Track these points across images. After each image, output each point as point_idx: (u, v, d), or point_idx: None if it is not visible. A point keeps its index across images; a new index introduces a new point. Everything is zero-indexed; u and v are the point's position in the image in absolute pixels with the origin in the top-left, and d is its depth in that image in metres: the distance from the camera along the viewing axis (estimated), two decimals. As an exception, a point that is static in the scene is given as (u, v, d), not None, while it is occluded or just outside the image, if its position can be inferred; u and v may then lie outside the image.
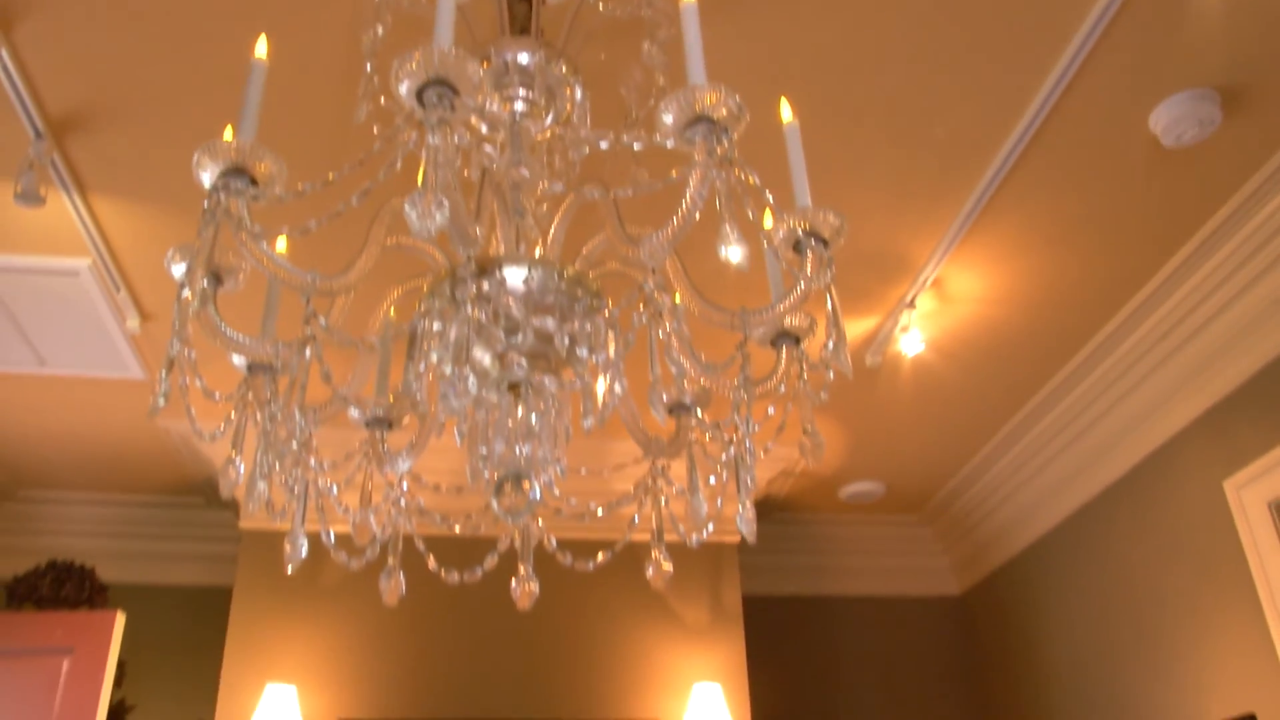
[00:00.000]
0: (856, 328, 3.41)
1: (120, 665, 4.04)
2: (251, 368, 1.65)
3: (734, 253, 1.28)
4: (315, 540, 3.97)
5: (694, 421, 1.90)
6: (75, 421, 3.94)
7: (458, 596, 3.92)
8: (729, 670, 3.91)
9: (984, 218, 2.95)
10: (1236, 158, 2.79)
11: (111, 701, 4.00)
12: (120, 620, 3.72)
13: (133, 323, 3.29)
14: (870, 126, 2.62)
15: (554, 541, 1.86)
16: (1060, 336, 3.53)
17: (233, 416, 1.67)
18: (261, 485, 1.47)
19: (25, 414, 3.89)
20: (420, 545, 1.87)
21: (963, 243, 3.04)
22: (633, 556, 4.04)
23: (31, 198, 2.58)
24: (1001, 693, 4.65)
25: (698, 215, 1.33)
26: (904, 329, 3.31)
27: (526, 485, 1.47)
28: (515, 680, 3.84)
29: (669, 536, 4.01)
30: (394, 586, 1.75)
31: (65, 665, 3.68)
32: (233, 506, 4.20)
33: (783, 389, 1.81)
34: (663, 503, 1.82)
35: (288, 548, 1.57)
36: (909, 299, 3.24)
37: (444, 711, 3.74)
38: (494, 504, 1.47)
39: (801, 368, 1.79)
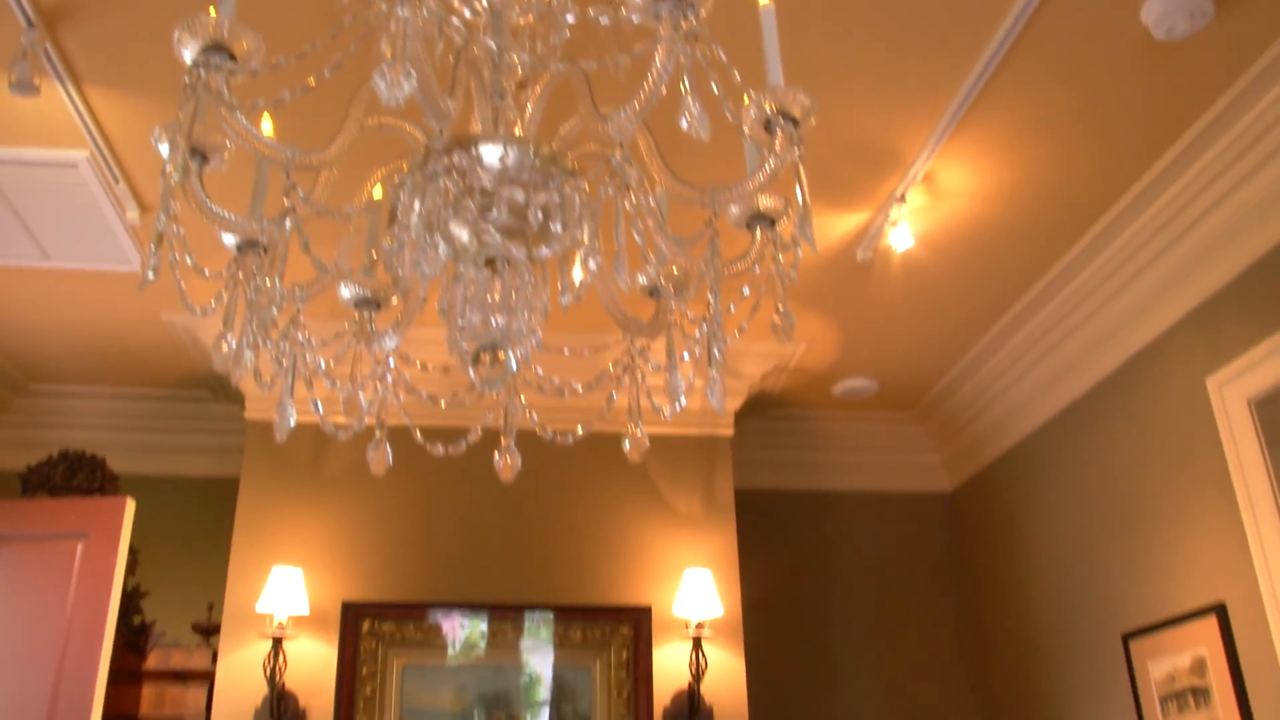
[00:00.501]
0: (847, 222, 3.44)
1: (133, 553, 4.18)
2: (241, 248, 1.70)
3: (699, 124, 1.32)
4: (317, 431, 4.07)
5: (672, 304, 1.93)
6: (81, 315, 4.01)
7: (458, 486, 4.05)
8: (720, 558, 4.03)
9: (974, 112, 2.96)
10: (1228, 52, 2.78)
11: (126, 587, 4.16)
12: (130, 506, 3.84)
13: (132, 215, 3.33)
14: (860, 19, 2.62)
15: (535, 416, 1.92)
16: (1050, 234, 3.55)
17: (224, 295, 1.72)
18: (249, 355, 1.53)
19: (32, 308, 3.96)
20: (407, 419, 1.93)
21: (953, 137, 3.05)
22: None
23: (26, 87, 2.61)
24: (987, 586, 4.78)
25: (664, 90, 1.37)
26: (894, 224, 3.34)
27: (502, 356, 1.52)
28: (514, 566, 3.97)
29: (664, 429, 4.14)
30: (380, 457, 1.82)
31: (79, 549, 3.81)
32: (239, 400, 4.29)
33: (757, 270, 1.85)
34: (640, 379, 1.86)
35: (276, 418, 1.63)
36: (899, 193, 3.27)
37: (444, 595, 3.88)
38: (471, 374, 1.53)
39: (775, 249, 1.82)
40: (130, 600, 4.15)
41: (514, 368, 1.54)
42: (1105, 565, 3.90)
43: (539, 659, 3.84)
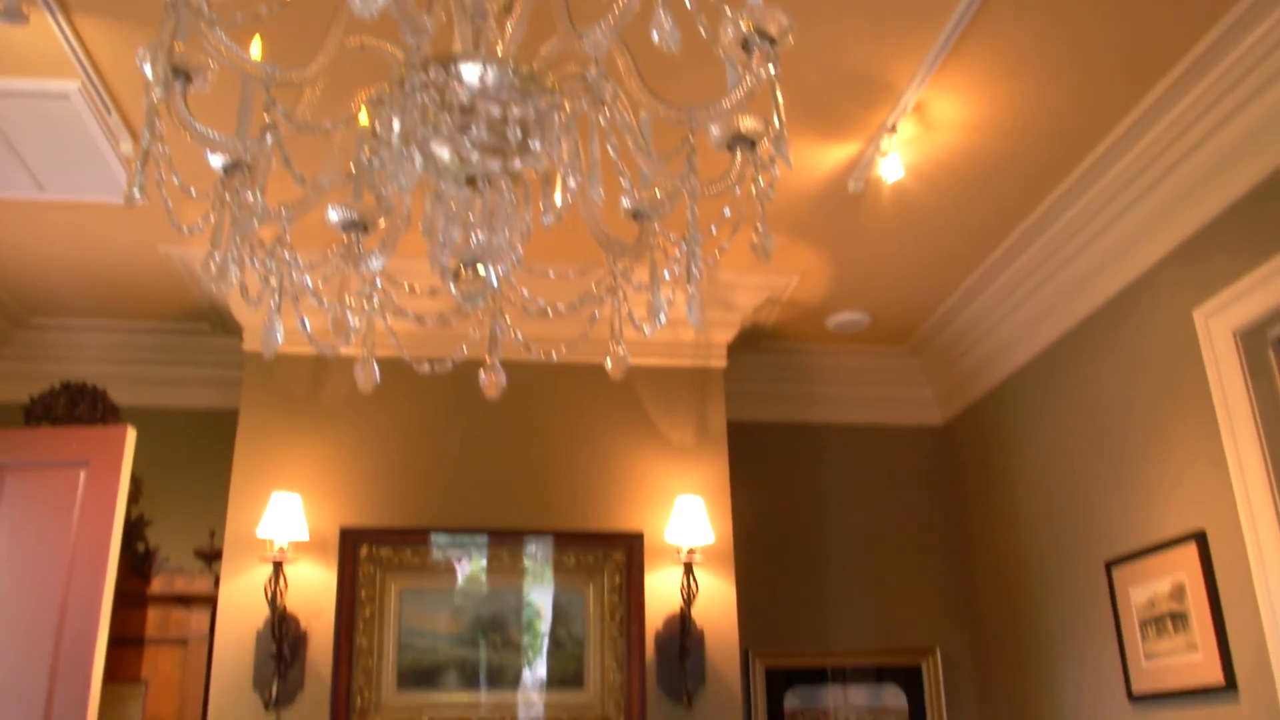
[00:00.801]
0: (838, 153, 3.45)
1: (136, 483, 4.25)
2: (227, 169, 1.73)
3: (669, 38, 1.34)
4: (314, 362, 4.14)
5: (655, 227, 1.96)
6: (78, 248, 4.04)
7: (454, 416, 4.11)
8: (712, 486, 4.09)
9: (964, 41, 2.95)
10: (1218, -16, 2.78)
11: (130, 516, 4.24)
12: (131, 434, 3.91)
13: (126, 146, 3.35)
14: (848, -58, 2.62)
15: (519, 335, 1.96)
16: (1041, 166, 3.56)
17: (211, 215, 1.75)
18: (234, 270, 1.57)
19: (30, 240, 3.99)
20: (393, 338, 1.98)
21: (943, 67, 3.05)
22: (623, 381, 4.19)
23: (14, 15, 2.62)
24: (976, 517, 4.85)
25: (638, 4, 1.39)
26: (884, 154, 3.35)
27: (483, 270, 1.56)
28: (509, 493, 4.04)
29: (657, 361, 4.18)
30: (367, 375, 1.86)
31: (82, 477, 3.88)
32: (237, 332, 4.33)
33: (738, 191, 1.87)
34: (622, 298, 1.89)
35: (263, 335, 1.67)
36: (890, 124, 3.27)
37: (440, 521, 3.96)
38: (452, 289, 1.57)
39: (755, 170, 1.84)
40: (134, 528, 4.23)
41: (494, 283, 1.58)
42: (1090, 495, 3.96)
43: (534, 583, 3.92)
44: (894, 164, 3.37)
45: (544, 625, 3.89)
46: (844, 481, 5.02)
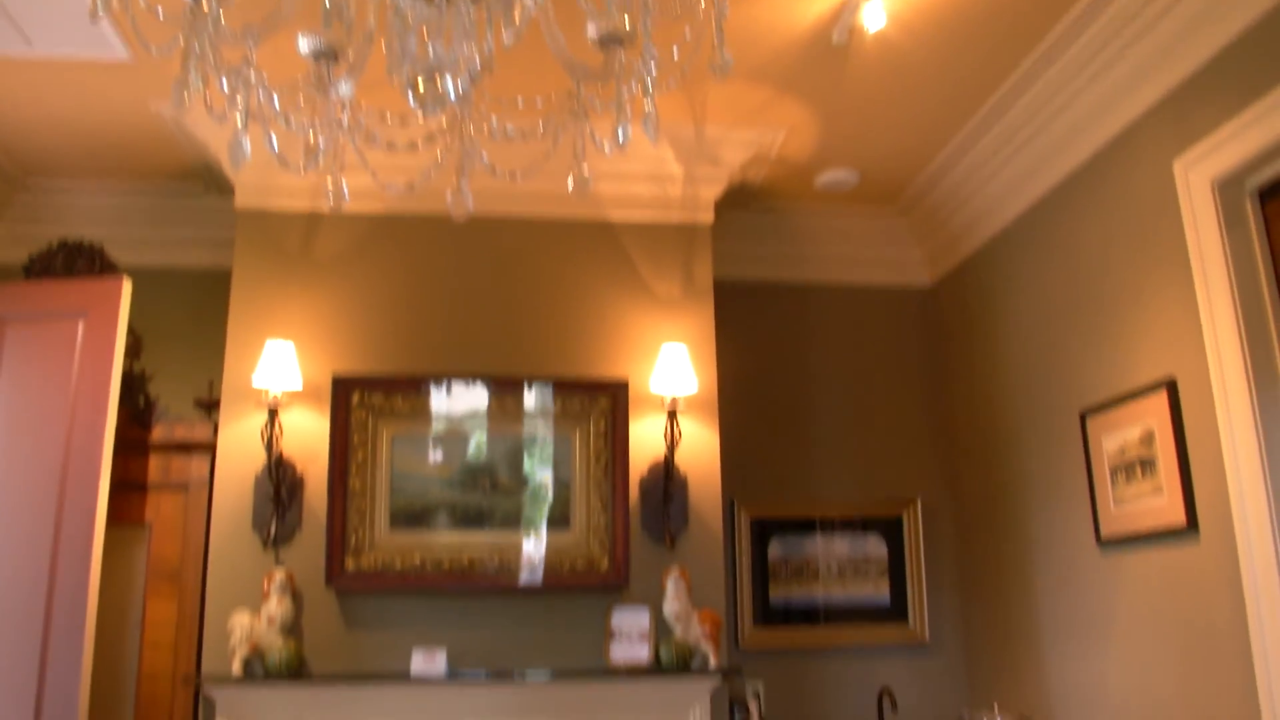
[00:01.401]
0: (820, 3, 3.42)
1: (137, 340, 4.35)
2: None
3: None
4: (310, 219, 4.17)
5: (621, 55, 1.98)
6: (72, 107, 4.05)
7: (444, 268, 4.18)
8: (697, 337, 4.17)
9: (949, -122, 2.91)
10: None
11: (132, 371, 4.35)
12: (127, 285, 3.98)
13: (112, -5, 3.33)
14: None
15: (485, 156, 2.00)
16: (1027, 15, 3.52)
17: (180, 38, 1.78)
18: (195, 80, 1.61)
19: (22, 100, 3.99)
20: (361, 159, 2.02)
21: (928, -94, 3.02)
22: (609, 235, 4.25)
23: None
24: (960, 374, 4.94)
25: None
26: (866, 0, 3.33)
27: (442, 82, 1.60)
28: (498, 342, 4.13)
29: (645, 216, 4.22)
30: (337, 192, 1.91)
31: (81, 328, 3.97)
32: (230, 191, 4.37)
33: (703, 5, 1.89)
34: (585, 121, 1.93)
35: (229, 147, 1.71)
36: (873, -32, 3.25)
37: (429, 369, 4.05)
38: (410, 99, 1.61)
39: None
40: (135, 382, 4.35)
41: (452, 93, 1.62)
42: (1068, 348, 4.03)
43: (521, 429, 4.04)
44: (876, 11, 3.35)
45: (531, 469, 4.02)
46: (831, 340, 5.10)
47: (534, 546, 3.95)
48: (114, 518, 4.08)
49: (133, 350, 4.40)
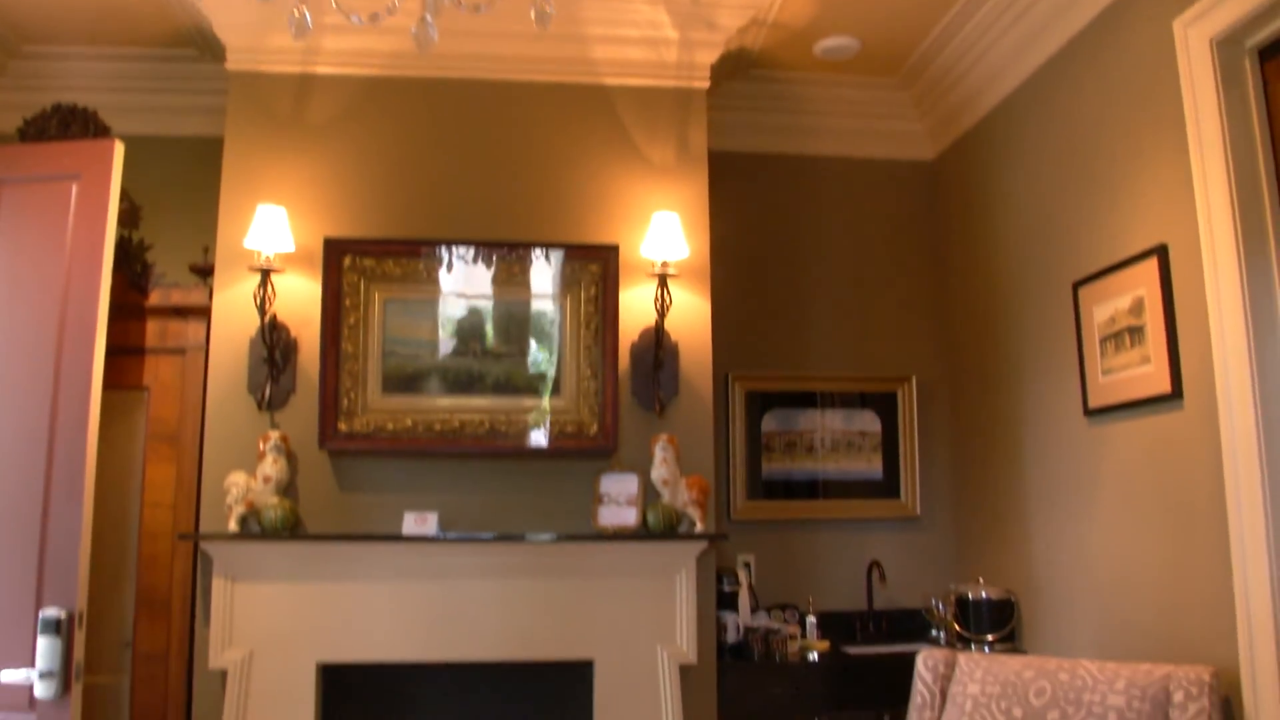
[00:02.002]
0: None
1: (135, 208, 4.36)
2: None
3: None
4: (302, 82, 4.13)
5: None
6: (62, -36, 3.99)
7: (437, 132, 4.15)
8: (690, 205, 4.14)
9: None
10: None
11: (130, 240, 4.36)
12: (119, 147, 3.95)
13: None
14: None
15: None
16: None
17: None
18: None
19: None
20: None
21: None
22: (603, 100, 4.20)
23: None
24: (959, 250, 4.91)
25: None
26: None
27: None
28: (489, 207, 4.11)
29: (640, 80, 4.17)
30: (301, 23, 1.88)
31: (74, 190, 3.97)
32: (224, 57, 4.31)
33: None
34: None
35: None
36: None
37: (421, 233, 4.05)
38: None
39: None
40: (133, 249, 4.37)
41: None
42: (1062, 218, 3.99)
43: (511, 293, 4.04)
44: None
45: (521, 334, 4.04)
46: (830, 214, 5.06)
47: (524, 412, 3.99)
48: (113, 382, 4.13)
49: (131, 218, 4.41)
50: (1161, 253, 3.38)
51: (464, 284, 4.03)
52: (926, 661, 3.54)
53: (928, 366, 5.01)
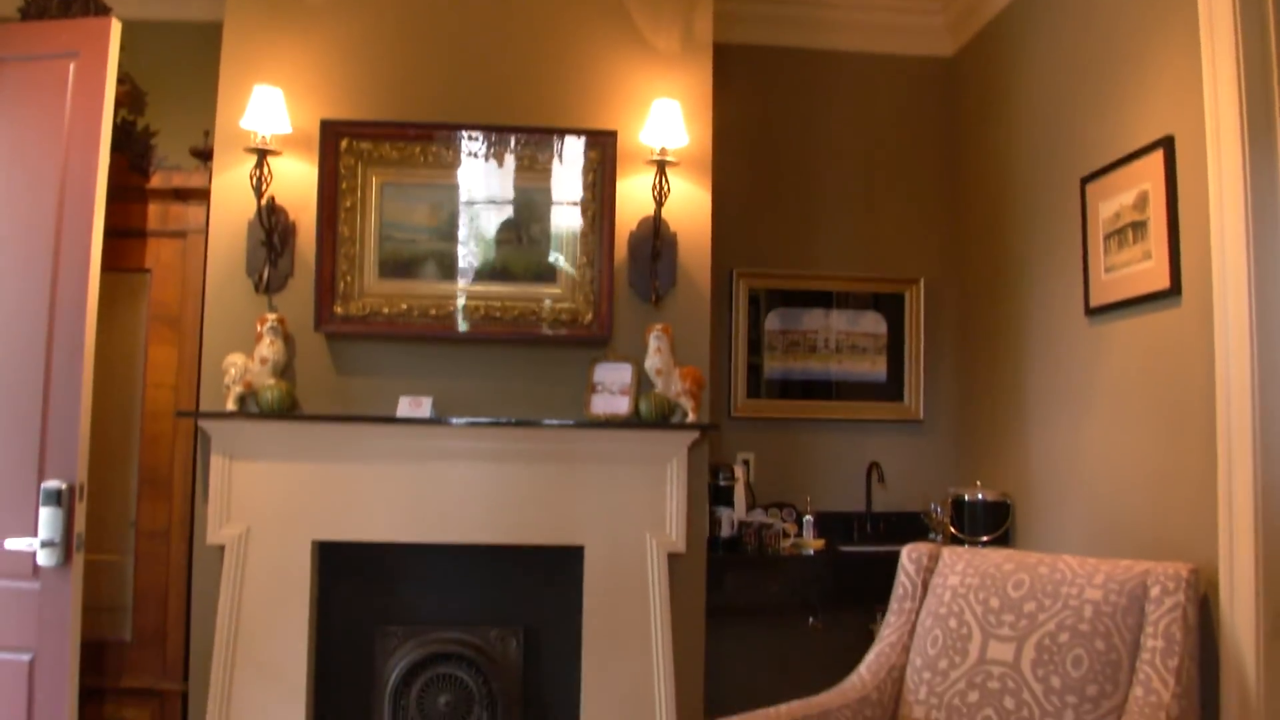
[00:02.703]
0: None
1: (139, 91, 4.34)
2: None
3: None
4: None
5: None
6: None
7: (437, 14, 4.08)
8: (692, 93, 4.06)
9: None
10: None
11: (135, 125, 4.36)
12: (116, 25, 3.92)
13: None
14: None
15: None
16: None
17: None
18: None
19: None
20: None
21: None
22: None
23: None
24: (972, 148, 4.81)
25: None
26: None
27: None
28: (488, 91, 4.06)
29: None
30: None
31: (71, 69, 3.95)
32: (226, -67, 4.25)
33: None
34: None
35: None
36: None
37: (418, 116, 4.00)
38: None
39: None
40: (142, 137, 4.36)
41: None
42: (1074, 113, 3.89)
43: (508, 179, 4.01)
44: None
45: (517, 221, 4.01)
46: (843, 111, 4.96)
47: (518, 299, 3.98)
48: (116, 264, 4.16)
49: (136, 102, 4.40)
50: (1168, 145, 3.29)
51: (462, 169, 3.99)
52: (910, 554, 3.55)
53: (937, 269, 4.94)
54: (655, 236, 3.97)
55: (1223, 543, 2.99)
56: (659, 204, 3.91)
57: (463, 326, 3.94)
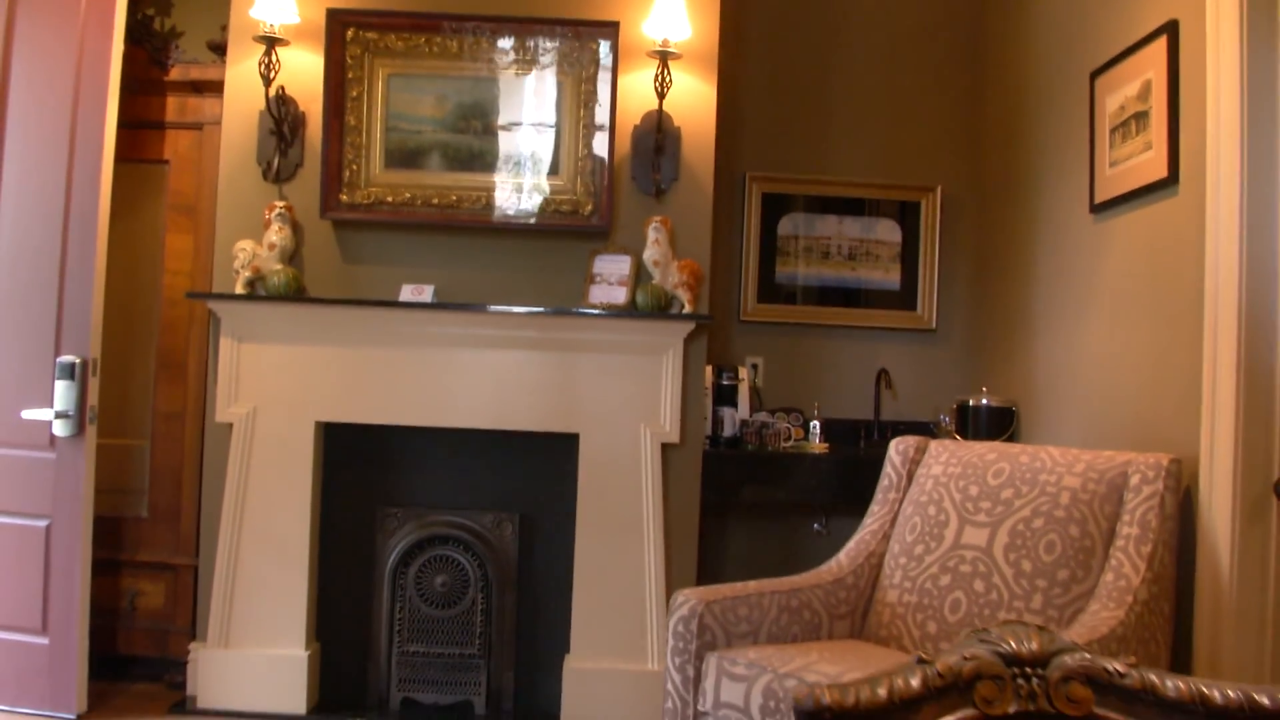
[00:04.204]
0: None
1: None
2: None
3: None
4: None
5: None
6: None
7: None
8: (702, -17, 4.04)
9: None
10: None
11: (153, 19, 4.46)
12: (131, -85, 4.00)
13: None
14: None
15: None
16: None
17: None
18: None
19: None
20: None
21: None
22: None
23: None
24: (994, 58, 4.71)
25: None
26: None
27: None
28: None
29: None
30: None
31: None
32: None
33: None
34: None
35: None
36: None
37: (425, 6, 4.01)
38: None
39: None
40: (160, 32, 4.46)
41: None
42: (1085, 8, 3.81)
43: (511, 70, 4.02)
44: None
45: (522, 113, 4.03)
46: (865, 12, 4.86)
47: (521, 189, 4.02)
48: (135, 154, 4.28)
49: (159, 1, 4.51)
50: (1171, 30, 3.21)
51: (467, 61, 4.01)
52: (898, 446, 3.57)
53: (955, 178, 4.86)
54: (658, 130, 3.97)
55: (1204, 432, 2.96)
56: (661, 96, 3.90)
57: (464, 216, 3.99)
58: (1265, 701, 1.08)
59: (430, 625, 4.00)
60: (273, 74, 3.91)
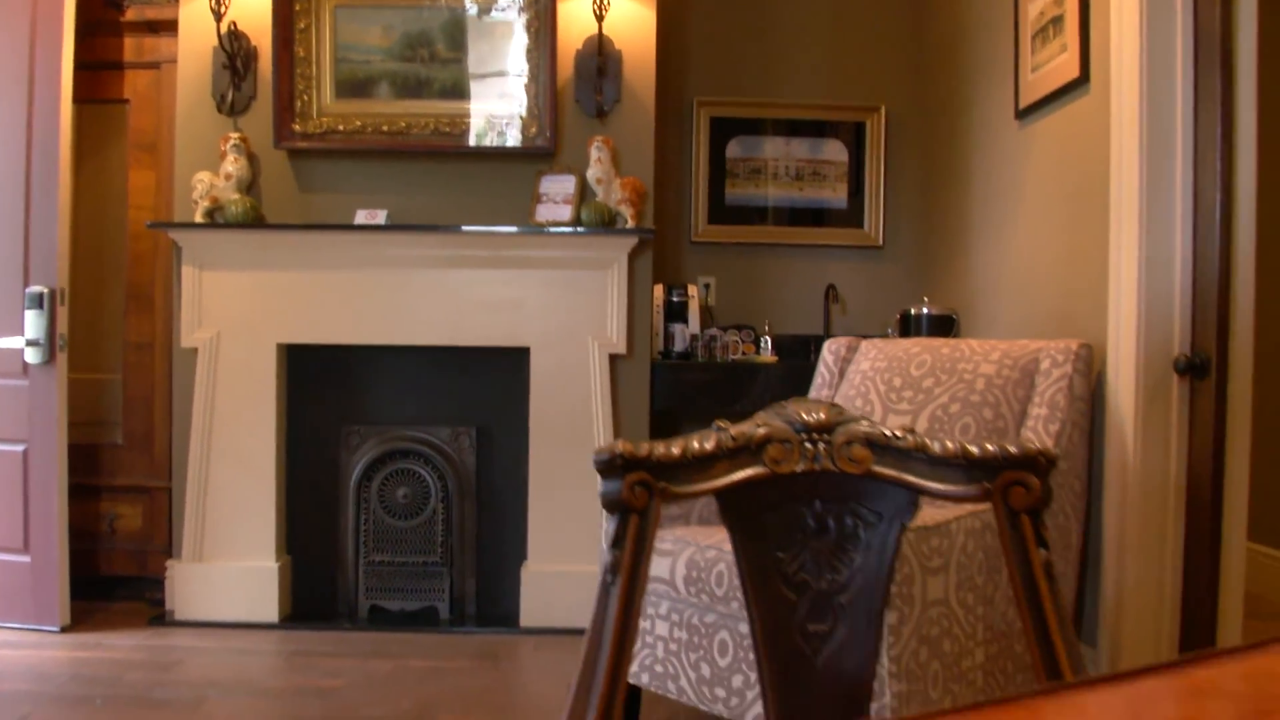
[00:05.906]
0: None
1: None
2: None
3: None
4: None
5: None
6: None
7: None
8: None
9: None
10: None
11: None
12: None
13: None
14: None
15: None
16: None
17: None
18: None
19: None
20: None
21: None
22: None
23: None
24: (933, -28, 4.82)
25: None
26: None
27: None
28: (431, -87, 4.18)
29: None
30: None
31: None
32: None
33: None
34: None
35: None
36: None
37: (365, -64, 4.14)
38: None
39: None
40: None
41: None
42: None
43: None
44: None
45: (466, 40, 4.15)
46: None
47: (467, 115, 4.15)
48: (97, 94, 4.41)
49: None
50: (1082, -67, 3.33)
51: (412, -12, 4.14)
52: (830, 346, 3.73)
53: (898, 97, 4.99)
54: (599, 53, 4.09)
55: (1111, 316, 3.12)
56: (600, 19, 4.03)
57: (414, 142, 4.12)
58: (1014, 450, 1.24)
59: (394, 536, 4.19)
60: (224, 9, 4.03)
